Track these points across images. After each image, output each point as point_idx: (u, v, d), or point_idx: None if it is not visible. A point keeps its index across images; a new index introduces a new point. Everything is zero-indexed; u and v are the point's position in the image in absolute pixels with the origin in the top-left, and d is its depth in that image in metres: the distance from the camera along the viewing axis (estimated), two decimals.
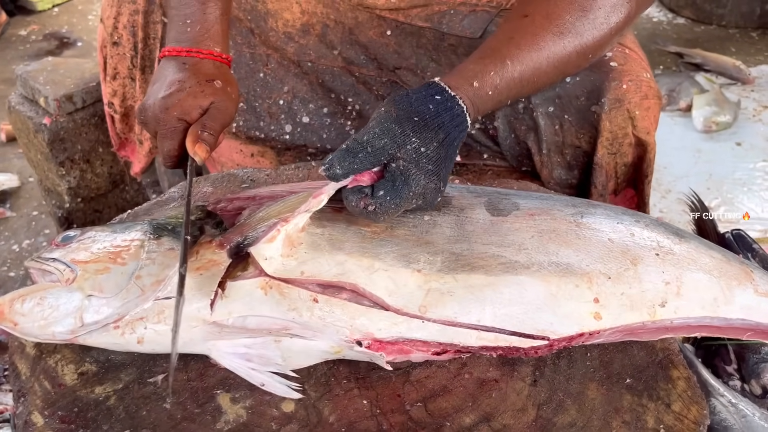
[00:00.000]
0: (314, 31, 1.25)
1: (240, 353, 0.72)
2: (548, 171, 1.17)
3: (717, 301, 0.76)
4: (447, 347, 0.73)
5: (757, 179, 1.97)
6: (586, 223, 0.79)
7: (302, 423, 0.71)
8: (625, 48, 1.11)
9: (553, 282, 0.73)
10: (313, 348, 0.73)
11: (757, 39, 2.86)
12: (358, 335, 0.71)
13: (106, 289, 0.74)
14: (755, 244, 1.10)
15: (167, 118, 0.86)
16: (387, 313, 0.71)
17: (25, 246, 1.85)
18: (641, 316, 0.74)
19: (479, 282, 0.73)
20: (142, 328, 0.72)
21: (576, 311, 0.73)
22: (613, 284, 0.74)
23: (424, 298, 0.72)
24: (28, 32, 3.14)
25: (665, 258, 0.77)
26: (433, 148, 0.73)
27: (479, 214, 0.79)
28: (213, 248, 0.76)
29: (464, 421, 0.70)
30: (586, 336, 0.73)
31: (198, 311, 0.72)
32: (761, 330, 0.78)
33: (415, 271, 0.73)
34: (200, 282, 0.73)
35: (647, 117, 1.08)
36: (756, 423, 0.96)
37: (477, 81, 0.80)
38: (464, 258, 0.74)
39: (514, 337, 0.72)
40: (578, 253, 0.76)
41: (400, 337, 0.72)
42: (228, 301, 0.72)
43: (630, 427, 0.69)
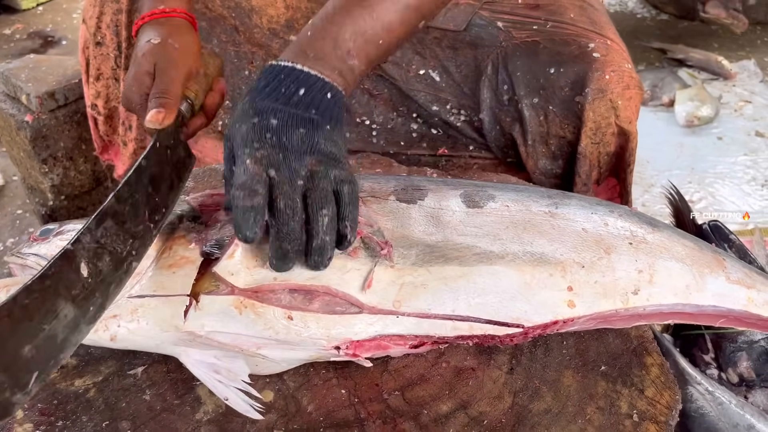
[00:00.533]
0: (299, 27, 1.25)
1: (209, 362, 0.71)
2: (533, 161, 1.18)
3: (689, 289, 0.77)
4: (424, 339, 0.73)
5: (738, 173, 2.00)
6: (560, 214, 0.80)
7: (281, 413, 0.71)
8: (607, 39, 1.12)
9: (527, 271, 0.74)
10: (292, 357, 0.72)
11: (740, 35, 2.89)
12: (335, 343, 0.71)
13: None
14: (732, 234, 1.11)
15: (130, 96, 0.85)
16: (361, 315, 0.71)
17: (9, 245, 1.85)
18: (614, 303, 0.75)
19: (453, 273, 0.73)
20: (116, 326, 0.71)
21: (550, 299, 0.74)
22: (587, 273, 0.75)
23: (398, 292, 0.72)
24: (12, 31, 3.13)
25: (638, 247, 0.78)
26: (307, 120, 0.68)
27: (455, 206, 0.80)
28: (186, 244, 0.74)
29: (441, 408, 0.71)
30: (560, 324, 0.74)
31: (171, 317, 0.70)
32: (733, 316, 0.79)
33: (388, 267, 0.73)
34: (173, 281, 0.71)
35: (629, 107, 1.10)
36: (732, 410, 0.97)
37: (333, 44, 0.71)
38: (439, 250, 0.75)
39: (489, 326, 0.72)
40: (552, 243, 0.77)
41: (377, 334, 0.71)
42: (201, 314, 0.70)
43: (604, 412, 0.70)
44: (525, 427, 0.69)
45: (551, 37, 1.15)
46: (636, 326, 0.80)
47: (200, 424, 0.70)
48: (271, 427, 0.70)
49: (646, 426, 0.69)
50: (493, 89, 1.18)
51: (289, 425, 0.70)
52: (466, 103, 1.22)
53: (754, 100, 2.36)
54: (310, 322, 0.70)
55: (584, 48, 1.11)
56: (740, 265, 0.82)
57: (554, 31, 1.16)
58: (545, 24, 1.17)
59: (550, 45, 1.14)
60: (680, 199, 1.19)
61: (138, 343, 0.71)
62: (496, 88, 1.18)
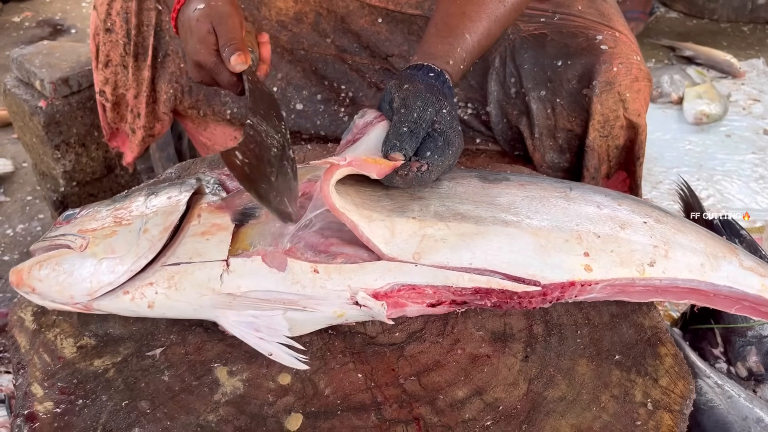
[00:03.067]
0: (307, 20, 1.26)
1: (248, 322, 0.74)
2: (540, 155, 1.18)
3: (704, 267, 0.78)
4: (441, 294, 0.75)
5: (746, 171, 2.00)
6: (575, 195, 0.82)
7: (298, 395, 0.72)
8: (615, 31, 1.12)
9: (543, 235, 0.76)
10: (318, 315, 0.75)
11: (749, 33, 2.88)
12: (357, 292, 0.73)
13: (117, 249, 0.76)
14: (743, 230, 1.12)
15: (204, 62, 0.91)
16: (380, 263, 0.74)
17: (19, 230, 1.86)
18: (631, 272, 0.76)
19: (470, 230, 0.76)
20: (153, 293, 0.75)
21: (566, 262, 0.75)
22: (603, 242, 0.77)
23: (418, 245, 0.75)
24: (21, 19, 3.13)
25: (653, 226, 0.80)
26: (454, 113, 0.83)
27: (470, 181, 0.83)
28: (215, 211, 0.78)
29: (457, 394, 0.72)
30: (578, 287, 0.75)
31: (208, 281, 0.74)
32: (748, 302, 0.80)
33: (410, 219, 0.76)
34: (208, 248, 0.75)
35: (638, 99, 1.10)
36: (741, 403, 0.98)
37: (451, 59, 0.89)
38: (456, 208, 0.78)
39: (507, 281, 0.74)
40: (567, 215, 0.79)
41: (395, 283, 0.74)
42: (235, 276, 0.74)
43: (618, 401, 0.71)
44: (540, 414, 0.70)
45: (559, 29, 1.15)
46: (650, 317, 0.80)
47: (218, 405, 0.71)
48: (289, 410, 0.70)
49: (660, 414, 0.70)
50: (501, 82, 1.18)
51: (306, 407, 0.71)
52: (474, 96, 1.22)
53: (762, 98, 2.35)
54: (333, 273, 0.73)
55: (592, 40, 1.11)
56: (751, 257, 0.83)
57: (562, 24, 1.16)
58: (553, 16, 1.17)
59: (558, 37, 1.14)
60: (691, 195, 1.20)
61: (176, 308, 0.74)
62: (504, 81, 1.18)
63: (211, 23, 0.90)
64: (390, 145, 0.78)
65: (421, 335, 0.78)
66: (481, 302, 0.75)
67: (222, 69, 0.90)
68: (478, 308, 0.80)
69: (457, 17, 0.93)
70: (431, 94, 0.82)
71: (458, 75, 0.91)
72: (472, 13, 0.93)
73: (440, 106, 0.82)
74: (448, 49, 0.90)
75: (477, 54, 0.94)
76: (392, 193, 0.80)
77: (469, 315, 0.80)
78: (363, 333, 0.79)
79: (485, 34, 0.94)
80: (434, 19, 0.95)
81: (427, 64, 0.88)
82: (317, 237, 0.76)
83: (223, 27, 0.90)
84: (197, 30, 0.91)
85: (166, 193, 0.82)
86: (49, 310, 0.81)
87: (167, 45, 1.27)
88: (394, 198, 0.79)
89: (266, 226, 0.77)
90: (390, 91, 0.85)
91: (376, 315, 0.75)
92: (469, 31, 0.92)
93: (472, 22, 0.93)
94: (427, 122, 0.80)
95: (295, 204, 0.74)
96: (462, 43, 0.91)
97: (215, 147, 1.40)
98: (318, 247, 0.75)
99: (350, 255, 0.75)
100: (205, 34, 0.90)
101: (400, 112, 0.81)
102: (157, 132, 1.37)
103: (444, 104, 0.83)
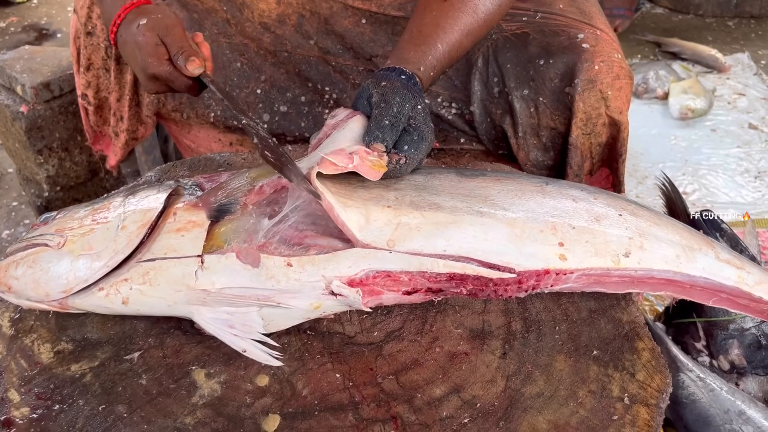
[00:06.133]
0: (290, 22, 1.25)
1: (222, 319, 0.74)
2: (525, 153, 1.18)
3: (680, 259, 0.79)
4: (416, 281, 0.75)
5: (731, 165, 2.01)
6: (550, 188, 0.83)
7: (276, 396, 0.72)
8: (597, 29, 1.13)
9: (518, 226, 0.77)
10: (293, 310, 0.75)
11: (734, 28, 2.90)
12: (332, 281, 0.74)
13: (95, 245, 0.76)
14: (723, 224, 1.12)
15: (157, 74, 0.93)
16: (354, 250, 0.74)
17: (5, 236, 1.85)
18: (606, 262, 0.77)
19: (445, 219, 0.76)
20: (128, 288, 0.75)
21: (541, 251, 0.76)
22: (578, 233, 0.77)
23: (393, 232, 0.75)
24: (6, 24, 3.12)
25: (628, 219, 0.80)
26: (427, 109, 0.87)
27: (448, 175, 0.84)
28: (190, 209, 0.79)
29: (435, 392, 0.72)
30: (553, 275, 0.75)
31: (183, 277, 0.74)
32: (725, 293, 0.80)
33: (385, 207, 0.76)
34: (183, 244, 0.75)
35: (619, 97, 1.10)
36: (723, 396, 0.98)
37: (422, 65, 0.92)
38: (432, 198, 0.79)
39: (482, 268, 0.74)
40: (543, 207, 0.79)
41: (370, 269, 0.74)
42: (209, 272, 0.74)
43: (596, 396, 0.71)
44: (517, 410, 0.70)
45: (541, 28, 1.15)
46: (628, 312, 0.81)
47: (196, 408, 0.71)
48: (267, 411, 0.70)
49: (636, 409, 0.70)
50: (484, 82, 1.18)
51: (284, 408, 0.71)
52: (457, 95, 1.23)
53: (747, 92, 2.36)
54: (306, 265, 0.74)
55: (573, 39, 1.12)
56: (727, 249, 0.83)
57: (544, 23, 1.16)
58: (535, 15, 1.18)
59: (540, 36, 1.14)
60: (673, 190, 1.20)
61: (150, 304, 0.75)
62: (487, 81, 1.18)
63: (158, 35, 0.93)
64: (372, 136, 0.80)
65: (400, 334, 0.79)
66: (456, 290, 0.75)
67: (177, 76, 0.93)
68: (456, 306, 0.81)
69: (431, 27, 0.96)
70: (407, 91, 0.85)
71: (428, 81, 0.94)
72: (446, 25, 0.96)
73: (416, 103, 0.85)
74: (420, 56, 0.93)
75: (447, 63, 0.97)
76: (368, 185, 0.80)
77: (448, 313, 0.81)
78: (341, 333, 0.79)
79: (456, 45, 0.97)
80: (409, 26, 0.98)
81: (400, 67, 0.91)
82: (292, 231, 0.77)
83: (171, 37, 0.93)
84: (145, 44, 0.93)
85: (144, 193, 0.82)
86: (26, 317, 0.81)
87: None
88: (369, 189, 0.80)
89: (241, 222, 0.78)
90: (367, 88, 0.87)
91: (353, 303, 0.75)
92: (442, 41, 0.95)
93: (444, 33, 0.96)
94: (405, 117, 0.82)
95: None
96: (434, 51, 0.94)
97: (199, 150, 1.39)
98: (292, 240, 0.76)
99: (324, 246, 0.75)
100: (154, 46, 0.93)
101: (380, 106, 0.83)
102: (141, 135, 1.37)
103: (419, 101, 0.86)
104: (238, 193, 0.80)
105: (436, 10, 0.98)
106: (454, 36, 0.96)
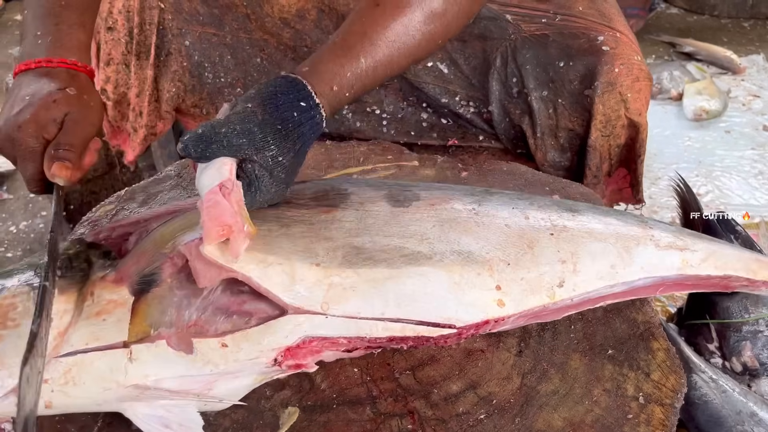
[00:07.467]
0: (310, 17, 1.26)
1: (158, 416, 0.67)
2: (542, 154, 1.19)
3: (615, 268, 0.77)
4: (355, 344, 0.72)
5: (745, 167, 2.00)
6: (484, 211, 0.79)
7: (295, 389, 0.73)
8: (617, 32, 1.13)
9: (456, 271, 0.73)
10: (239, 386, 0.71)
11: (749, 29, 2.88)
12: (272, 355, 0.69)
13: (6, 358, 0.65)
14: (738, 226, 1.13)
15: (22, 138, 0.80)
16: (287, 317, 0.69)
17: (23, 227, 1.87)
18: (541, 299, 0.75)
19: (381, 276, 0.71)
20: (49, 391, 0.65)
21: (480, 299, 0.73)
22: (513, 270, 0.75)
23: (326, 293, 0.70)
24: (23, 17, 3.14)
25: (559, 236, 0.78)
26: (288, 158, 0.73)
27: (380, 207, 0.78)
28: (110, 286, 0.70)
29: (451, 388, 0.73)
30: (491, 324, 0.73)
31: (111, 372, 0.66)
32: (670, 282, 0.80)
33: (313, 265, 0.70)
34: (105, 330, 0.67)
35: (639, 99, 1.11)
36: (735, 398, 0.99)
37: (336, 84, 0.79)
38: (366, 251, 0.73)
39: (421, 327, 0.71)
40: (478, 241, 0.76)
41: (306, 336, 0.69)
42: (140, 363, 0.66)
43: (610, 394, 0.72)
44: (533, 408, 0.71)
45: (560, 30, 1.16)
46: (643, 312, 0.81)
47: None
48: (286, 403, 0.72)
49: (651, 408, 0.71)
50: (502, 82, 1.19)
51: (303, 401, 0.72)
52: (475, 95, 1.23)
53: (762, 94, 2.35)
54: (241, 343, 0.68)
55: (593, 41, 1.12)
56: (669, 231, 0.83)
57: (563, 24, 1.17)
58: (554, 17, 1.18)
59: (559, 38, 1.15)
60: (687, 191, 1.20)
61: (77, 405, 0.66)
62: (505, 81, 1.19)
63: (66, 115, 0.82)
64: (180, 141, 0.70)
65: None
66: (396, 346, 0.73)
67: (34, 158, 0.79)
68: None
69: (357, 37, 0.82)
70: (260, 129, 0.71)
71: (340, 105, 0.80)
72: (374, 35, 0.82)
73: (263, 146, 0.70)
74: (338, 70, 0.79)
75: (370, 83, 0.82)
76: (292, 232, 0.73)
77: None
78: None
79: (386, 61, 0.82)
80: (337, 32, 0.85)
81: (308, 87, 0.76)
82: (226, 297, 0.70)
83: (76, 130, 0.81)
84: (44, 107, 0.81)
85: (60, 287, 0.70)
86: None
87: (170, 43, 1.28)
88: (293, 238, 0.73)
89: (168, 296, 0.69)
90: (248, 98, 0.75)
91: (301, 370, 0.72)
92: (366, 54, 0.81)
93: (372, 45, 0.81)
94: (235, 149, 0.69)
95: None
96: (355, 66, 0.80)
97: None
98: (230, 308, 0.69)
99: (265, 309, 0.69)
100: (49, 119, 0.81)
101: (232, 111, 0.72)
102: (160, 130, 1.38)
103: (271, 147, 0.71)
104: (161, 258, 0.70)
105: (365, 17, 0.84)
106: (384, 50, 0.82)
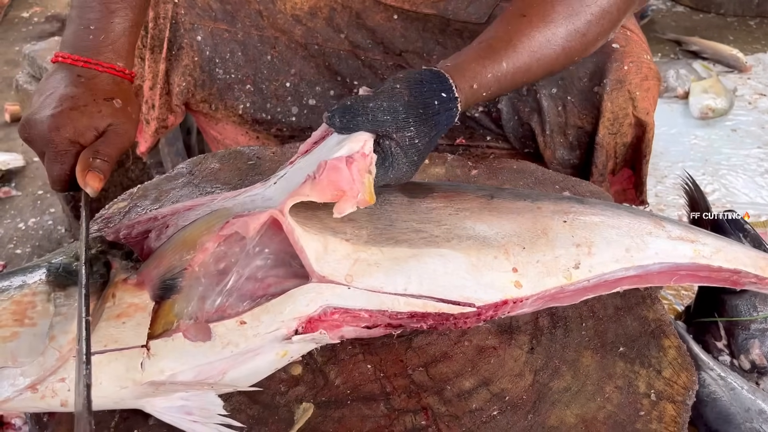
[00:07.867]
0: (322, 15, 1.27)
1: (178, 406, 0.67)
2: (551, 151, 1.20)
3: (630, 251, 0.79)
4: (377, 318, 0.73)
5: (751, 165, 2.01)
6: (496, 202, 0.82)
7: (309, 385, 0.74)
8: (627, 30, 1.14)
9: (473, 254, 0.75)
10: (259, 364, 0.71)
11: (755, 27, 2.88)
12: (293, 325, 0.70)
13: (20, 356, 0.65)
14: (747, 224, 1.13)
15: (58, 140, 0.79)
16: (309, 285, 0.70)
17: (31, 224, 1.88)
18: (558, 280, 0.77)
19: (404, 254, 0.74)
20: (65, 389, 0.65)
21: (497, 280, 0.75)
22: (528, 253, 0.77)
23: (351, 267, 0.72)
24: (30, 14, 3.15)
25: (573, 223, 0.80)
26: (424, 143, 0.76)
27: (396, 197, 0.81)
28: (131, 289, 0.70)
29: (464, 385, 0.74)
30: (510, 305, 0.75)
31: (127, 371, 0.66)
32: (684, 271, 0.81)
33: (343, 240, 0.74)
34: (126, 334, 0.68)
35: (647, 97, 1.11)
36: (744, 395, 0.99)
37: (476, 83, 0.82)
38: (388, 232, 0.76)
39: (442, 304, 0.73)
40: (492, 228, 0.78)
41: (328, 305, 0.71)
42: (157, 359, 0.67)
43: (622, 391, 0.73)
44: (545, 404, 0.71)
45: None
46: (654, 309, 0.82)
47: (231, 395, 0.72)
48: (300, 399, 0.72)
49: (663, 405, 0.71)
50: None
51: (317, 397, 0.73)
52: None
53: None
54: (261, 316, 0.69)
55: None
56: (679, 225, 0.84)
57: None
58: None
59: None
60: (696, 189, 1.21)
61: (95, 404, 0.65)
62: None
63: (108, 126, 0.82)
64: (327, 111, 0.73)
65: None
66: (417, 325, 0.74)
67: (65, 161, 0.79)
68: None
69: (502, 42, 0.86)
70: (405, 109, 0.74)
71: (474, 101, 0.84)
72: (518, 43, 0.86)
73: (404, 126, 0.74)
74: (480, 70, 0.82)
75: (507, 87, 0.86)
76: (321, 212, 0.76)
77: None
78: None
79: (524, 69, 0.86)
80: (481, 36, 0.88)
81: (450, 81, 0.79)
82: (251, 283, 0.71)
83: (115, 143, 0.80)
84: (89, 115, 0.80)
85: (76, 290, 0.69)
86: None
87: (182, 38, 1.29)
88: (323, 219, 0.76)
89: (190, 291, 0.70)
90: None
91: (320, 341, 0.73)
92: (508, 59, 0.84)
93: (515, 52, 0.85)
94: (378, 124, 0.73)
95: None
96: (496, 69, 0.83)
97: (225, 141, 1.41)
98: (256, 293, 0.71)
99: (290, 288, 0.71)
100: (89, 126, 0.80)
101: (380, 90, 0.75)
102: (171, 123, 1.39)
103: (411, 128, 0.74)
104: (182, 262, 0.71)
105: (511, 26, 0.87)
106: (525, 58, 0.85)
